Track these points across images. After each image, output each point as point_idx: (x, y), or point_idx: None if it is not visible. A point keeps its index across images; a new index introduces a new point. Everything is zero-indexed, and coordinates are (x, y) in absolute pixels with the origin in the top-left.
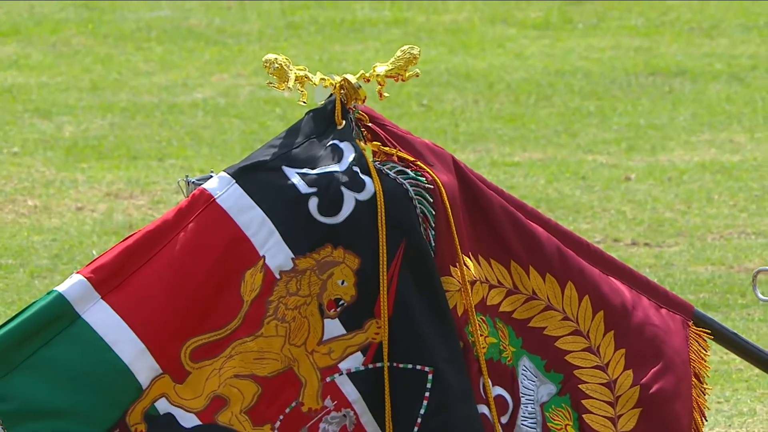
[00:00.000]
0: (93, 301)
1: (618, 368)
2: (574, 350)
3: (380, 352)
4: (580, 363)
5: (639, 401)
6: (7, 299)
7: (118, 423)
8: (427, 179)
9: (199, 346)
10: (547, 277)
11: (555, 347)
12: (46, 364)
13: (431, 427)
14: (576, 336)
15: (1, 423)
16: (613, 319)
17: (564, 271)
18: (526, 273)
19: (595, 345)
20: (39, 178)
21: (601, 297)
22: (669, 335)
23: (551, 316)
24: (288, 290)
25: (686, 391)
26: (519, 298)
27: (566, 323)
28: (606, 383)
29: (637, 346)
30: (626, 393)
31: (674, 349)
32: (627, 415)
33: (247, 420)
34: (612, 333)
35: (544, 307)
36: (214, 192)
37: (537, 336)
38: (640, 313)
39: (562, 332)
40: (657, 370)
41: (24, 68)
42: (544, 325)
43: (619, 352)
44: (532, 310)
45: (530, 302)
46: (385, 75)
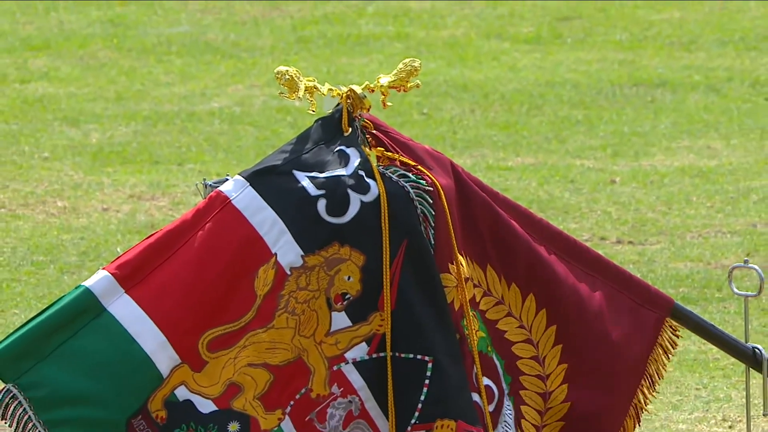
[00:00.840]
0: (117, 295)
1: (556, 381)
2: (523, 357)
3: (383, 342)
4: (526, 370)
5: (564, 416)
6: (38, 293)
7: (141, 410)
8: (427, 182)
9: (215, 338)
10: (512, 286)
11: (511, 351)
12: (73, 353)
13: (431, 413)
14: (527, 344)
15: (32, 408)
16: (565, 334)
17: (528, 282)
18: (498, 278)
19: (541, 355)
20: (68, 181)
21: (560, 312)
22: (630, 345)
23: (510, 322)
24: (298, 285)
25: (621, 406)
26: (491, 300)
27: (521, 331)
28: (542, 393)
29: (581, 364)
30: (556, 406)
31: (628, 359)
32: (550, 426)
33: (260, 405)
34: (560, 347)
35: (507, 313)
36: (229, 194)
37: (500, 338)
38: (600, 328)
39: (517, 339)
40: (593, 389)
41: (54, 80)
42: (506, 329)
43: (561, 367)
44: (499, 314)
45: (498, 306)
46: (388, 86)
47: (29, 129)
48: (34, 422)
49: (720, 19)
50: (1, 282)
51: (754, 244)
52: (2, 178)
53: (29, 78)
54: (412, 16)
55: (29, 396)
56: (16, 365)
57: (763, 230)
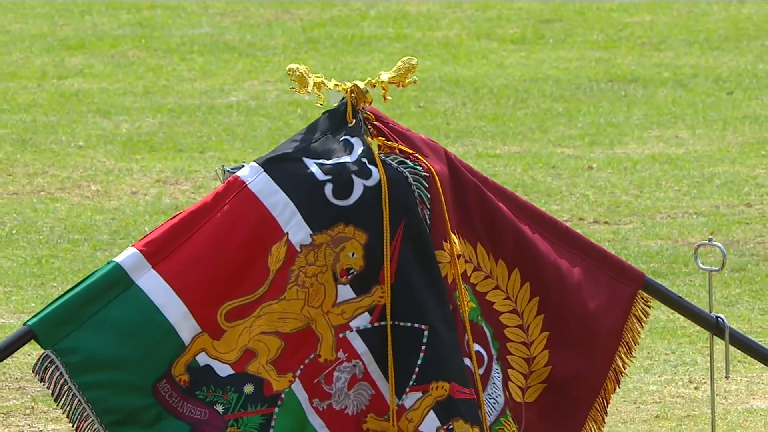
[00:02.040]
0: (145, 270)
1: (539, 347)
2: (510, 325)
3: (384, 312)
4: (512, 337)
5: (546, 379)
6: (74, 268)
7: (165, 374)
8: (423, 168)
9: (232, 309)
10: (499, 262)
11: (498, 320)
12: (105, 322)
13: (427, 375)
14: (513, 314)
15: (67, 372)
16: (546, 305)
17: (514, 257)
18: (486, 255)
19: (525, 324)
20: (100, 167)
21: (542, 285)
22: (603, 316)
23: (498, 294)
24: (307, 261)
25: (599, 370)
26: (481, 274)
27: (507, 302)
28: (526, 358)
29: (560, 331)
30: (539, 370)
31: (603, 330)
32: (534, 387)
33: (272, 369)
34: (542, 317)
35: (494, 286)
36: (245, 179)
37: (489, 308)
38: (577, 299)
39: (504, 309)
40: (571, 354)
41: (88, 76)
42: (494, 300)
43: (543, 335)
44: (488, 287)
45: (487, 279)
46: (388, 81)
47: (66, 120)
48: (69, 385)
49: (687, 21)
50: (41, 258)
51: (717, 224)
52: (41, 164)
53: (66, 74)
54: (410, 18)
55: (65, 361)
56: (54, 333)
57: (725, 211)
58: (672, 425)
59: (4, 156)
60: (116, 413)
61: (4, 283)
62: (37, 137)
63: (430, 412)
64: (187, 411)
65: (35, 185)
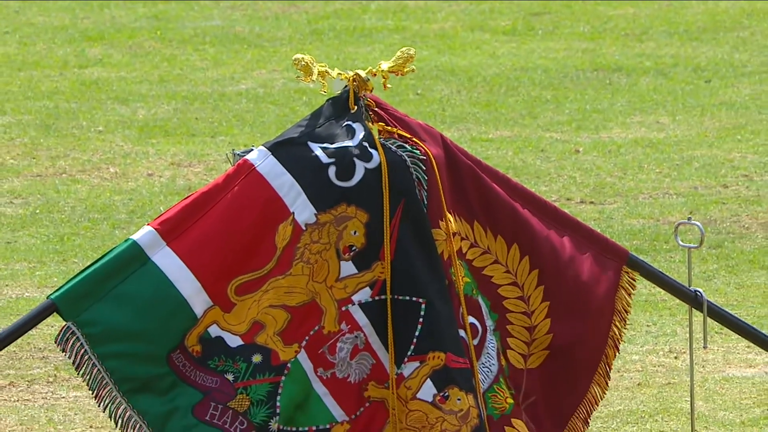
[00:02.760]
0: (160, 247)
1: (540, 316)
2: (509, 297)
3: (384, 287)
4: (512, 308)
5: (549, 346)
6: (93, 245)
7: (179, 345)
8: (420, 152)
9: (242, 283)
10: (498, 237)
11: (497, 292)
12: (123, 296)
13: (424, 346)
14: (513, 286)
15: (87, 343)
16: (545, 276)
17: (512, 233)
18: (484, 232)
19: (526, 295)
20: (118, 150)
21: (540, 258)
22: (596, 286)
23: (497, 268)
24: (312, 239)
25: (598, 335)
26: (478, 250)
27: (507, 275)
28: (527, 327)
29: (560, 300)
30: (541, 338)
31: (597, 299)
32: (536, 354)
33: (279, 340)
34: (542, 288)
35: (493, 260)
36: (254, 162)
37: (487, 281)
38: (573, 271)
39: (503, 281)
40: (571, 321)
41: (107, 65)
42: (492, 274)
43: (544, 304)
44: (485, 261)
45: (485, 255)
46: (388, 70)
47: (86, 107)
48: (89, 355)
49: (667, 14)
50: (63, 235)
51: (696, 203)
52: (63, 148)
53: (86, 64)
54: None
55: (85, 332)
56: (75, 306)
57: (703, 192)
58: (653, 392)
59: (29, 140)
60: (133, 381)
61: (28, 259)
62: (60, 123)
63: (427, 380)
64: (199, 379)
65: (57, 168)
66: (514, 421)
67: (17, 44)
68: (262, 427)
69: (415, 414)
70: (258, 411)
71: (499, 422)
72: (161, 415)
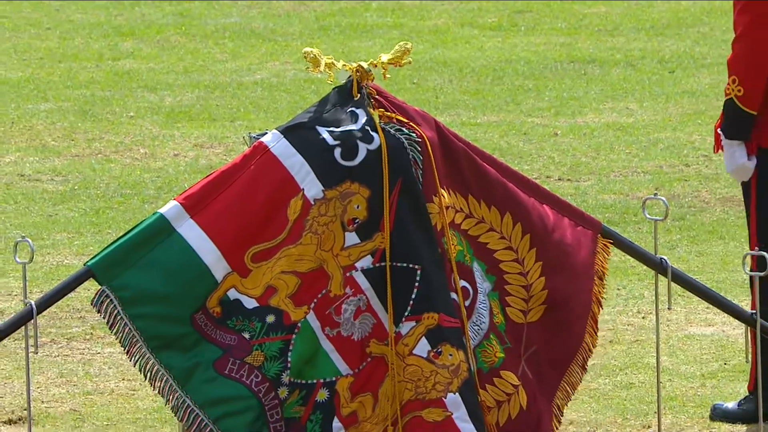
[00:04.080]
0: (184, 219)
1: (535, 275)
2: (505, 260)
3: (384, 255)
4: (508, 269)
5: (545, 300)
6: (125, 218)
7: (201, 307)
8: (416, 135)
9: (257, 252)
10: (492, 208)
11: (493, 257)
12: (151, 264)
13: (419, 307)
14: (508, 250)
15: (120, 305)
16: (537, 239)
17: (504, 204)
18: (477, 204)
19: (521, 257)
20: (147, 133)
21: (530, 224)
22: (578, 249)
23: (492, 235)
24: (319, 212)
25: (585, 292)
26: (473, 221)
27: (502, 241)
28: (524, 285)
29: (551, 260)
30: (537, 294)
31: (580, 260)
32: (535, 309)
33: (290, 302)
34: (534, 250)
35: (488, 228)
36: (269, 144)
37: (483, 248)
38: (558, 235)
39: (499, 247)
40: (563, 277)
41: (138, 58)
42: (487, 240)
43: (537, 264)
44: (481, 230)
45: (480, 224)
46: (387, 62)
47: (119, 95)
48: (121, 315)
49: (635, 12)
50: (98, 209)
51: (661, 180)
52: (99, 131)
53: (119, 56)
54: (405, 10)
55: (118, 295)
56: (109, 272)
57: (667, 170)
58: (623, 348)
59: (68, 124)
60: (160, 339)
61: (67, 230)
62: (95, 109)
63: (422, 338)
64: (219, 337)
65: (93, 149)
66: (503, 372)
67: (58, 39)
68: (275, 380)
69: (412, 368)
70: (271, 365)
71: (489, 375)
72: (185, 369)
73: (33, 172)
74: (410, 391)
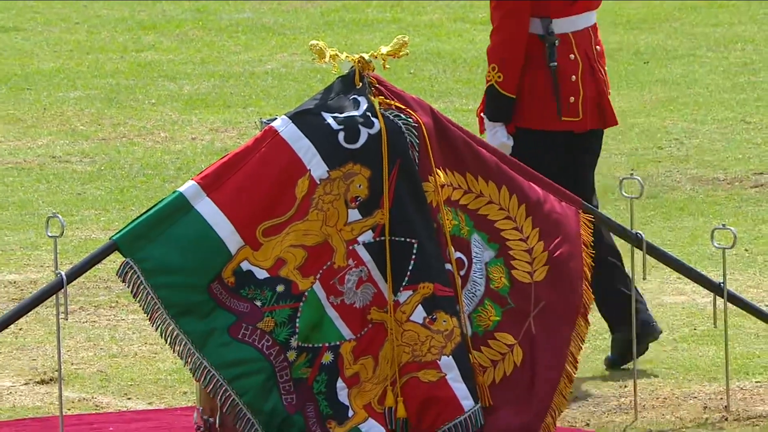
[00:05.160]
0: (201, 198)
1: (534, 240)
2: (506, 228)
3: (383, 230)
4: (510, 237)
5: (547, 261)
6: (148, 196)
7: (216, 277)
8: (413, 120)
9: (268, 227)
10: (489, 182)
11: (494, 227)
12: (171, 238)
13: (416, 277)
14: (507, 220)
15: (143, 275)
16: (531, 209)
17: (500, 178)
18: (475, 180)
19: (519, 225)
20: (168, 119)
21: (524, 196)
22: (567, 219)
23: (492, 207)
24: (325, 191)
25: (578, 254)
26: (471, 195)
27: (501, 212)
28: (526, 250)
29: (546, 226)
30: (539, 256)
31: (570, 227)
32: (539, 270)
33: (298, 273)
34: (531, 218)
35: (487, 201)
36: (278, 128)
37: (483, 219)
38: (548, 206)
39: (498, 217)
40: (558, 241)
41: (159, 50)
42: (487, 213)
43: (535, 230)
44: (480, 203)
45: (478, 198)
46: (386, 54)
47: (142, 83)
48: (144, 285)
49: (613, 8)
50: (123, 188)
51: (637, 162)
52: (123, 117)
53: (142, 49)
54: (403, 6)
55: (141, 267)
56: (133, 245)
57: (642, 152)
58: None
59: (96, 110)
60: (179, 307)
61: (95, 207)
62: (120, 96)
63: (418, 306)
64: (233, 305)
65: (119, 132)
66: (498, 334)
67: (86, 32)
68: (284, 344)
69: (409, 333)
70: (281, 331)
71: (483, 337)
72: (202, 334)
73: (63, 154)
74: (407, 354)
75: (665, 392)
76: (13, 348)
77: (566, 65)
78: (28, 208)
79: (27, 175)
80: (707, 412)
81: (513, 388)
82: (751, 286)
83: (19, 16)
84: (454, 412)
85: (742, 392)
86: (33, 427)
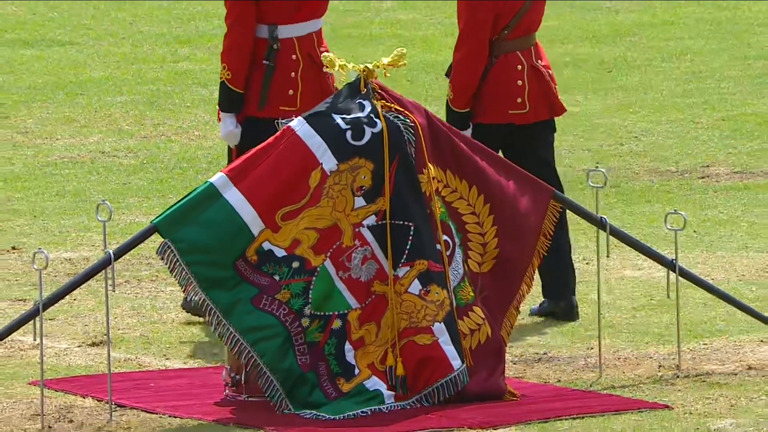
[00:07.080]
0: (229, 187)
1: (490, 236)
2: (470, 222)
3: (385, 214)
4: (471, 230)
5: (496, 256)
6: (183, 185)
7: (241, 255)
8: (410, 121)
9: (285, 213)
10: (463, 181)
11: (461, 219)
12: (203, 222)
13: (413, 255)
14: (472, 215)
15: (178, 254)
16: (495, 209)
17: (473, 178)
18: (453, 177)
19: (481, 221)
20: (200, 119)
21: (491, 195)
22: (530, 216)
23: (462, 202)
24: (334, 181)
25: (528, 251)
26: (449, 190)
27: (468, 207)
28: (482, 243)
29: (505, 225)
30: (491, 251)
31: (530, 225)
32: (488, 262)
33: (311, 252)
34: (492, 216)
35: (459, 197)
36: (294, 128)
37: (454, 211)
38: (514, 205)
39: (466, 212)
40: (511, 241)
41: (193, 60)
42: (458, 206)
43: (494, 228)
44: (454, 197)
45: (453, 193)
46: (387, 64)
47: (178, 89)
48: (179, 261)
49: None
50: (162, 179)
51: (601, 156)
52: (162, 117)
53: (178, 60)
54: (402, 23)
55: (177, 246)
56: (170, 228)
57: (606, 148)
58: None
59: (139, 112)
60: (209, 281)
61: (138, 195)
62: (160, 100)
63: (415, 280)
64: (255, 279)
65: (159, 131)
66: (474, 308)
67: (131, 45)
68: (299, 312)
69: (407, 303)
70: (296, 301)
71: (465, 309)
72: (229, 304)
73: (111, 149)
74: (405, 321)
75: (626, 353)
76: (68, 316)
77: (288, 64)
78: (81, 196)
79: (80, 167)
80: (661, 371)
81: (486, 354)
82: (699, 262)
83: (74, 32)
84: (445, 371)
85: (691, 353)
86: (86, 382)
